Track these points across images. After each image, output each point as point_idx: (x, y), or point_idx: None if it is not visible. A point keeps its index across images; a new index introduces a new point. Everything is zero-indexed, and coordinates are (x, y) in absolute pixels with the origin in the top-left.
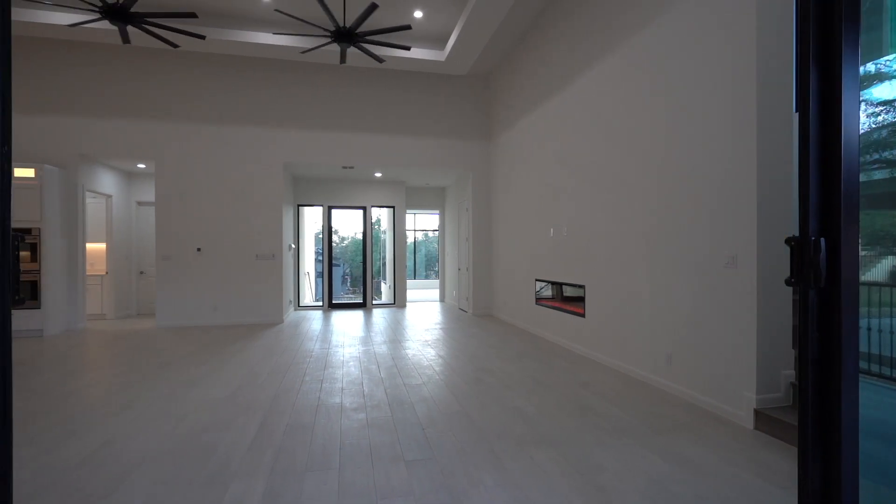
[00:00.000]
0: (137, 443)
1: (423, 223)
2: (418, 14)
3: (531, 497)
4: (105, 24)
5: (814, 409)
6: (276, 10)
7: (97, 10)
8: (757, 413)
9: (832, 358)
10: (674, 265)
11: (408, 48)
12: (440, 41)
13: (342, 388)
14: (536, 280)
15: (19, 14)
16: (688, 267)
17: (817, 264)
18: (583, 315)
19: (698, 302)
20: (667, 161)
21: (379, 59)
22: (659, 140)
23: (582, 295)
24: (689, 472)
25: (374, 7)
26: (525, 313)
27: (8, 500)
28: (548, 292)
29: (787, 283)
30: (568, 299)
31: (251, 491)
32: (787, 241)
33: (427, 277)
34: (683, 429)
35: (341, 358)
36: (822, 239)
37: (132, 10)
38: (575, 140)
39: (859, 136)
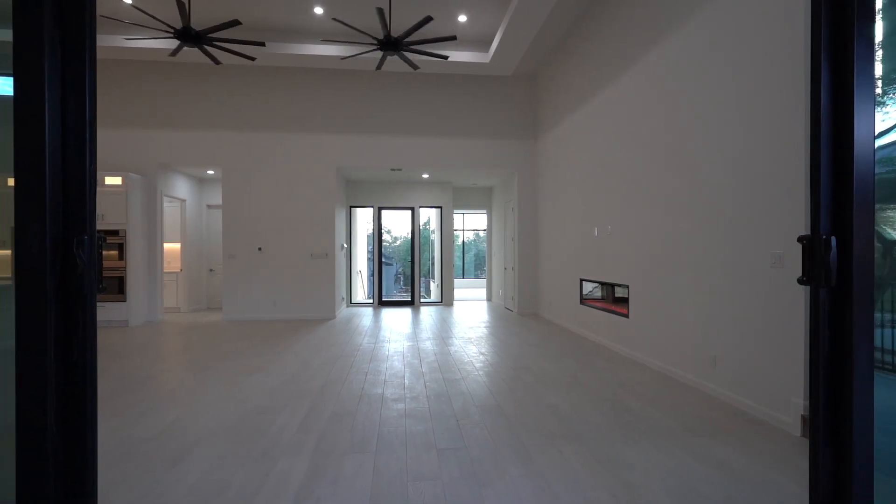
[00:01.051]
0: (203, 420)
1: (473, 223)
2: (462, 18)
3: (555, 488)
4: (187, 49)
5: (825, 406)
6: (323, 40)
7: (172, 35)
8: (805, 420)
9: (844, 356)
10: (718, 265)
11: (453, 37)
12: (484, 43)
13: (385, 381)
14: (581, 280)
15: (107, 40)
16: (733, 267)
17: (828, 263)
18: (626, 315)
19: (744, 303)
20: (711, 158)
21: (443, 57)
22: (703, 136)
23: (626, 295)
24: (723, 475)
25: (428, 19)
26: (569, 313)
27: (94, 465)
28: (596, 293)
29: (800, 281)
30: (612, 300)
31: (296, 467)
32: (799, 239)
33: (477, 277)
34: (723, 432)
35: (386, 352)
36: (833, 237)
37: (196, 29)
38: (618, 138)
39: (874, 134)
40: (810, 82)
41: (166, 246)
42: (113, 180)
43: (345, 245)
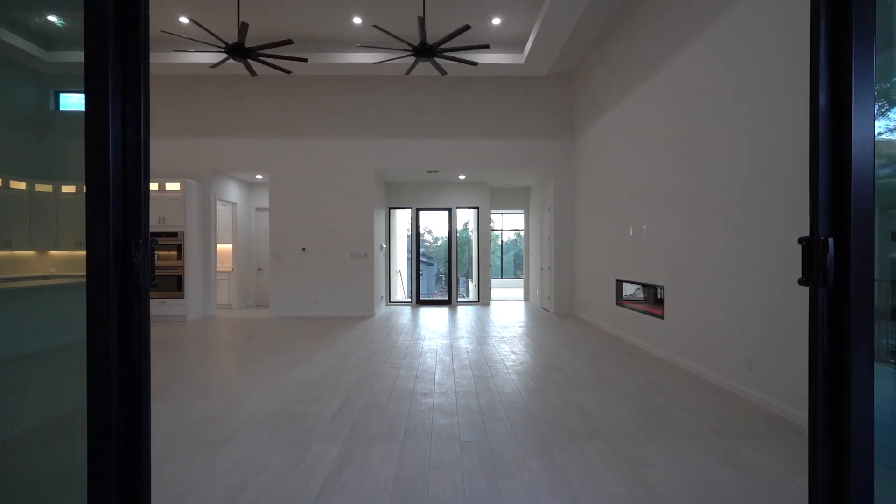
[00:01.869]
0: (248, 407)
1: (513, 223)
2: (496, 21)
3: (571, 482)
4: (231, 61)
5: (824, 405)
6: (360, 45)
7: (223, 49)
8: None
9: (843, 355)
10: (754, 266)
11: (486, 46)
12: (519, 44)
13: (416, 376)
14: (617, 280)
15: (162, 57)
16: (769, 268)
17: (825, 264)
18: (661, 316)
19: (781, 306)
20: (748, 158)
21: (473, 63)
22: (739, 135)
23: (661, 296)
24: (746, 477)
25: (466, 28)
26: (605, 314)
27: (148, 437)
28: (638, 294)
29: (799, 282)
30: (648, 301)
31: (329, 452)
32: (799, 240)
33: (517, 277)
34: (753, 436)
35: (420, 349)
36: (831, 239)
37: (246, 45)
38: (652, 137)
39: (874, 137)
40: (809, 84)
41: (219, 246)
42: (172, 186)
43: (384, 245)
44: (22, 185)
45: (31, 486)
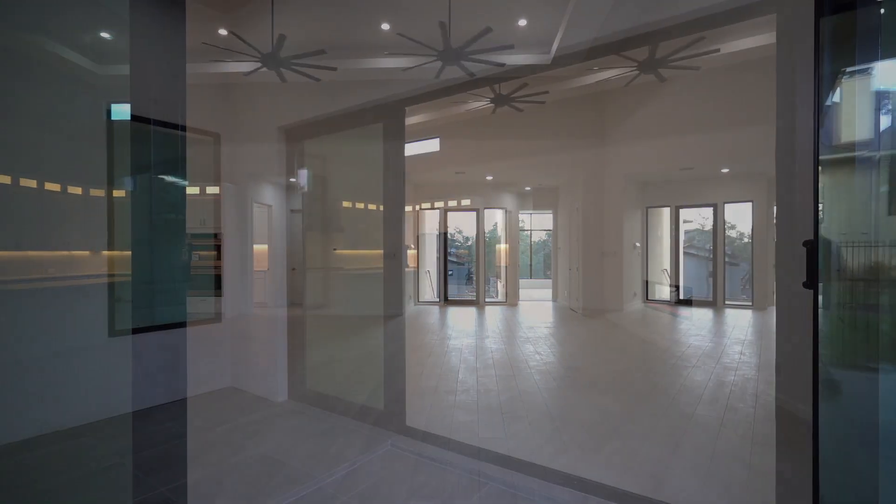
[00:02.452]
0: (280, 400)
1: (542, 224)
2: (522, 22)
3: (583, 477)
4: (260, 69)
5: (826, 405)
6: (388, 53)
7: (257, 59)
8: None
9: (846, 356)
10: (786, 266)
11: (511, 46)
12: (546, 45)
13: (439, 374)
14: (644, 281)
15: (201, 67)
16: (794, 269)
17: (828, 266)
18: (688, 318)
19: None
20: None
21: (500, 65)
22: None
23: (688, 297)
24: (764, 482)
25: (487, 30)
26: (632, 315)
27: (184, 420)
28: (657, 294)
29: (804, 285)
30: (675, 302)
31: (352, 444)
32: (804, 244)
33: (546, 277)
34: (785, 444)
35: (445, 349)
36: (834, 242)
37: (282, 55)
38: (678, 137)
39: (878, 143)
40: (814, 93)
41: (255, 247)
42: (212, 190)
43: (412, 246)
44: (78, 191)
45: (83, 469)
